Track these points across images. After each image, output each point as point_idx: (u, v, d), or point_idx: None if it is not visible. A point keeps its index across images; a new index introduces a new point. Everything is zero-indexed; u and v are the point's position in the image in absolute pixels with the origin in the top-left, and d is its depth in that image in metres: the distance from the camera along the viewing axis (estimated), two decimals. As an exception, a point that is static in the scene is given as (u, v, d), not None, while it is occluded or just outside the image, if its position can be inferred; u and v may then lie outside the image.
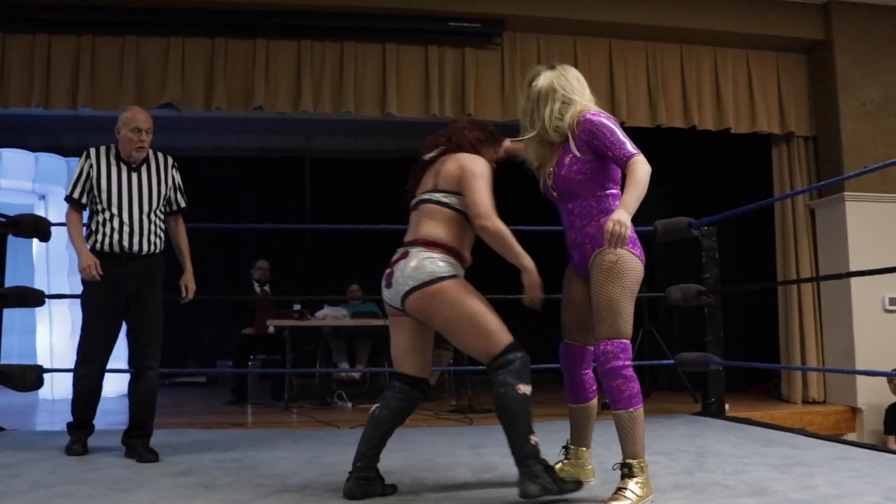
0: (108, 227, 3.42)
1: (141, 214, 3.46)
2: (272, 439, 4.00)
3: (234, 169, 9.47)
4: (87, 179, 3.46)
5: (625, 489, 2.46)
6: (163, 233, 3.58)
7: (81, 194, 3.47)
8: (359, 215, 8.22)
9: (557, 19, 5.88)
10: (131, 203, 3.45)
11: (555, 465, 2.83)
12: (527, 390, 2.44)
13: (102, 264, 3.37)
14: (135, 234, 3.44)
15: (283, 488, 2.75)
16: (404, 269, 2.57)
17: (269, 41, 5.63)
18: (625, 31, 6.01)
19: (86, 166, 3.46)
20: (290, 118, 6.68)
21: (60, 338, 6.52)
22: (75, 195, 3.47)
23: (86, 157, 3.48)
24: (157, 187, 3.52)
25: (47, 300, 4.48)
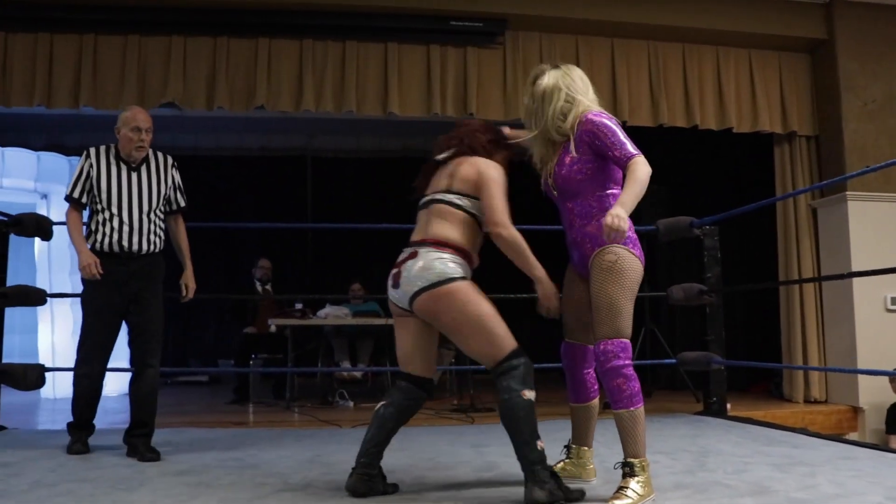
0: (107, 227, 3.42)
1: (141, 214, 3.46)
2: (274, 438, 4.01)
3: (235, 168, 9.49)
4: (87, 179, 3.46)
5: (626, 488, 2.46)
6: (163, 232, 3.58)
7: (81, 194, 3.47)
8: (361, 214, 8.23)
9: (559, 18, 5.88)
10: (131, 203, 3.45)
11: (557, 465, 2.84)
12: (531, 396, 2.44)
13: (102, 264, 3.37)
14: (134, 233, 3.44)
15: (285, 487, 2.75)
16: (412, 269, 2.54)
17: (271, 40, 5.64)
18: (627, 30, 6.01)
19: (86, 166, 3.46)
20: (292, 117, 6.68)
21: (62, 337, 6.52)
22: (75, 194, 3.47)
23: (86, 157, 3.48)
24: (157, 187, 3.52)
25: (49, 299, 4.48)
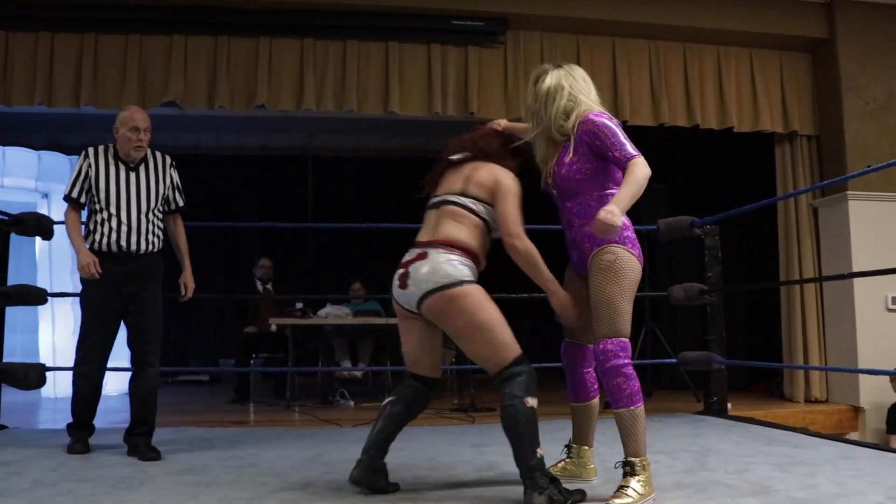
0: (106, 227, 3.43)
1: (139, 214, 3.46)
2: (274, 438, 4.01)
3: (236, 167, 9.48)
4: (86, 179, 3.46)
5: (626, 487, 2.46)
6: (161, 232, 3.58)
7: (80, 193, 3.47)
8: (361, 214, 8.21)
9: (560, 18, 5.87)
10: (129, 202, 3.45)
11: (557, 464, 2.84)
12: (534, 403, 2.44)
13: (101, 263, 3.37)
14: (133, 233, 3.44)
15: (285, 486, 2.75)
16: (421, 270, 2.52)
17: (272, 39, 5.63)
18: (628, 29, 6.00)
19: (84, 166, 3.46)
20: (292, 116, 6.68)
21: (63, 336, 6.53)
22: (74, 194, 3.47)
23: (84, 157, 3.48)
24: (156, 187, 3.52)
25: (50, 298, 4.48)
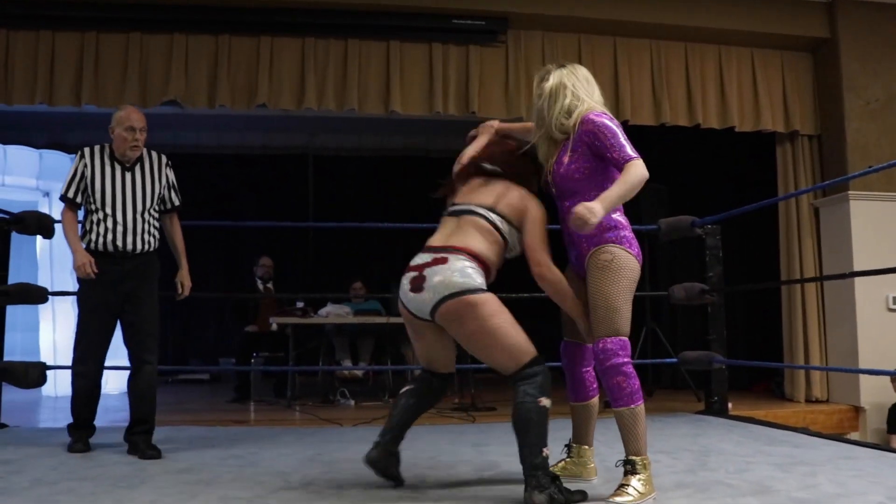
0: (102, 227, 3.43)
1: (135, 214, 3.47)
2: (274, 437, 4.00)
3: (237, 166, 9.49)
4: (82, 179, 3.46)
5: (627, 485, 2.46)
6: (157, 231, 3.58)
7: (76, 194, 3.47)
8: (362, 213, 8.23)
9: (562, 17, 5.87)
10: (125, 202, 3.45)
11: (557, 464, 2.84)
12: (547, 403, 2.44)
13: (97, 263, 3.38)
14: (129, 233, 3.44)
15: (286, 486, 2.75)
16: (436, 275, 2.49)
17: (273, 38, 5.63)
18: (629, 28, 6.00)
19: (80, 166, 3.47)
20: (293, 115, 6.68)
21: (63, 335, 6.52)
22: (70, 194, 3.47)
23: (80, 157, 3.48)
24: (151, 186, 3.53)
25: (50, 297, 4.49)
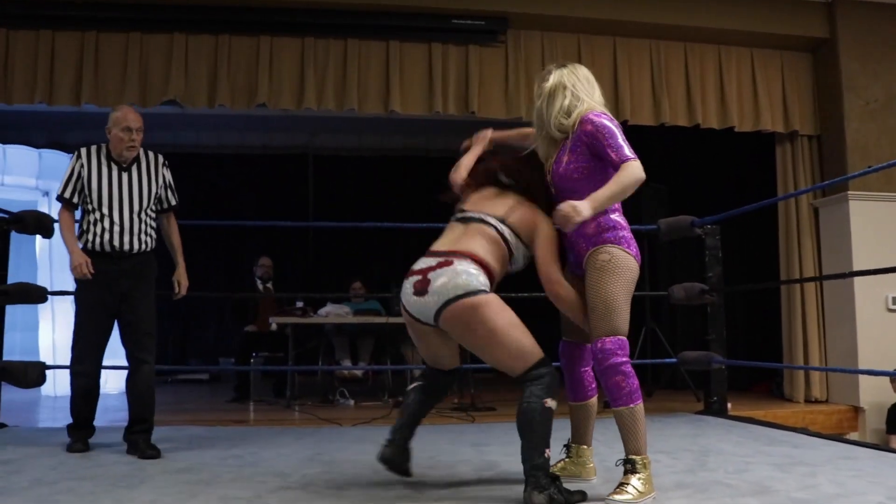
0: (98, 227, 3.43)
1: (131, 214, 3.47)
2: (274, 436, 4.00)
3: (237, 166, 9.49)
4: (79, 179, 3.46)
5: (627, 484, 2.46)
6: (154, 231, 3.58)
7: (73, 194, 3.47)
8: (362, 213, 8.22)
9: (561, 17, 5.87)
10: (122, 203, 3.46)
11: (556, 464, 2.83)
12: (552, 405, 2.44)
13: (94, 263, 3.38)
14: (125, 233, 3.45)
15: (285, 485, 2.75)
16: (440, 278, 2.48)
17: (273, 38, 5.63)
18: (629, 28, 6.00)
19: (77, 166, 3.47)
20: (293, 115, 6.68)
21: (63, 334, 6.51)
22: (66, 195, 3.47)
23: (77, 157, 3.48)
24: (148, 186, 3.53)
25: (50, 297, 4.49)
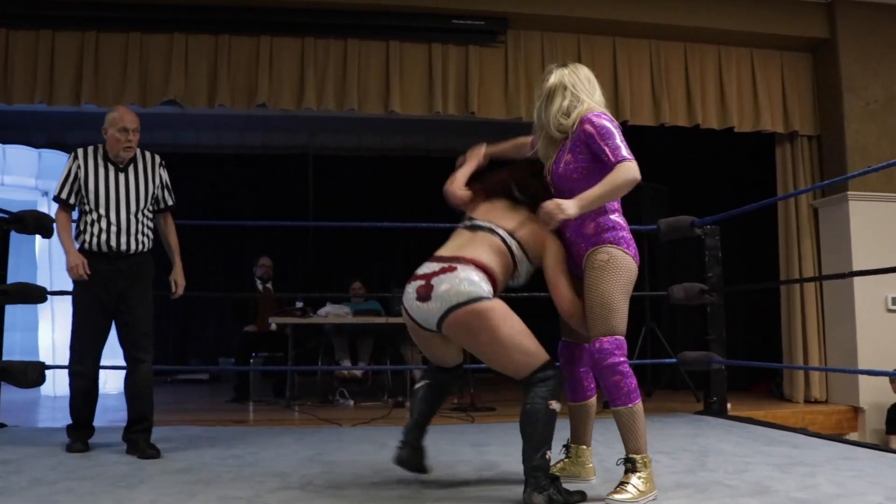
0: (95, 228, 3.43)
1: (128, 214, 3.47)
2: (274, 437, 4.00)
3: (237, 166, 9.48)
4: (75, 180, 3.46)
5: (627, 483, 2.46)
6: (151, 231, 3.58)
7: (69, 195, 3.47)
8: (362, 213, 8.23)
9: (561, 17, 5.87)
10: (118, 203, 3.46)
11: (556, 465, 2.83)
12: (556, 407, 2.44)
13: (91, 263, 3.38)
14: (122, 233, 3.45)
15: (285, 485, 2.75)
16: (442, 284, 2.47)
17: (273, 38, 5.63)
18: (628, 29, 6.00)
19: (73, 167, 3.47)
20: (293, 115, 6.67)
21: (63, 334, 6.50)
22: (63, 195, 3.47)
23: (73, 158, 3.48)
24: (145, 187, 3.53)
25: (49, 297, 4.49)
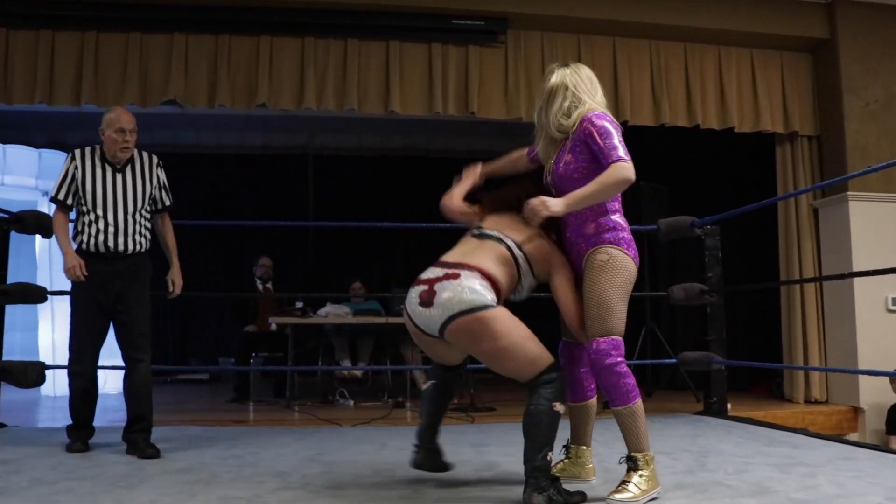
0: (93, 228, 3.43)
1: (126, 215, 3.47)
2: (274, 437, 4.00)
3: (237, 166, 9.48)
4: (73, 181, 3.46)
5: (628, 482, 2.46)
6: (149, 232, 3.58)
7: (67, 195, 3.47)
8: (362, 213, 8.23)
9: (561, 17, 5.87)
10: (116, 204, 3.46)
11: (556, 465, 2.83)
12: (560, 409, 2.44)
13: (88, 264, 3.39)
14: (120, 234, 3.45)
15: (285, 485, 2.75)
16: (445, 290, 2.46)
17: (273, 38, 5.63)
18: (628, 29, 6.00)
19: (71, 168, 3.47)
20: (293, 115, 6.67)
21: (62, 334, 6.47)
22: (60, 196, 3.47)
23: (71, 159, 3.48)
24: (143, 187, 3.53)
25: (49, 297, 4.49)
